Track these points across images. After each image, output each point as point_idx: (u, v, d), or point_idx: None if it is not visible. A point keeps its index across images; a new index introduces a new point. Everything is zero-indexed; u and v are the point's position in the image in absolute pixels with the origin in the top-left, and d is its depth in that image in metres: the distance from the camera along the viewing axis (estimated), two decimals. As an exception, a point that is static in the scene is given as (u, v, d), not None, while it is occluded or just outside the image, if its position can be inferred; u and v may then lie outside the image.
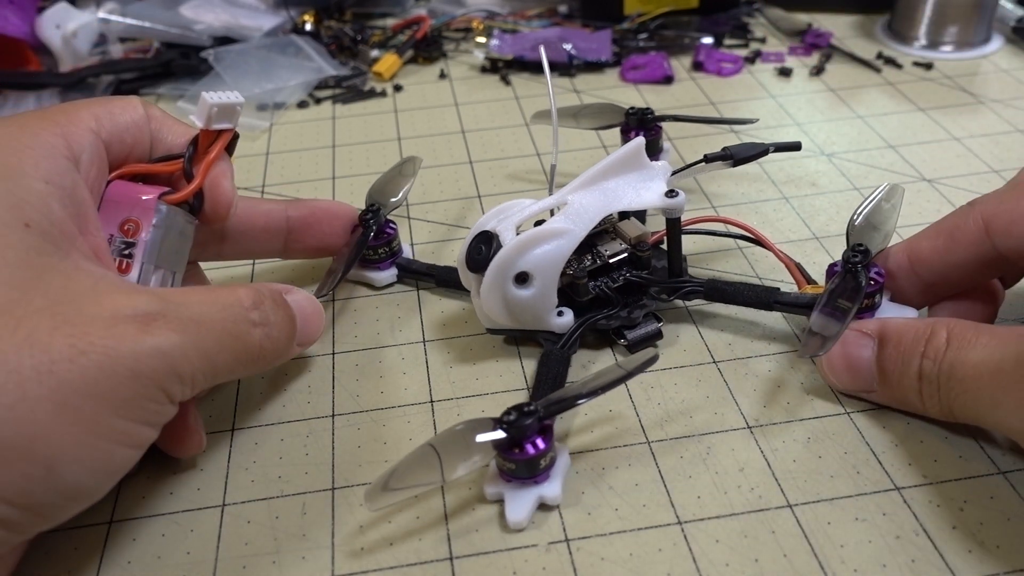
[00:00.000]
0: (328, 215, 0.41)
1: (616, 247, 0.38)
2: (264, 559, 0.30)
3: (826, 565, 0.29)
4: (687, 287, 0.38)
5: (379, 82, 0.63)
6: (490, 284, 0.35)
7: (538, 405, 0.30)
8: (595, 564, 0.29)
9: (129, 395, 0.26)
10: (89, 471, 0.26)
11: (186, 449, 0.33)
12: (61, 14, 0.64)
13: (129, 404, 0.26)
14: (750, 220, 0.45)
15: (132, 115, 0.33)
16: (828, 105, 0.57)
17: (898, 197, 0.38)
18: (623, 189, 0.37)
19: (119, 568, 0.30)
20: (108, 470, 0.27)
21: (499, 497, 0.31)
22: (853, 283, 0.34)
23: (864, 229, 0.36)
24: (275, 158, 0.54)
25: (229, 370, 0.30)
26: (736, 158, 0.40)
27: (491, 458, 0.30)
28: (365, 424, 0.35)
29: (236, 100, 0.33)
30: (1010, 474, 0.31)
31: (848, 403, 0.35)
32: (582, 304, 0.37)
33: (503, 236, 0.35)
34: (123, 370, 0.26)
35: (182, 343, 0.27)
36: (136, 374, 0.26)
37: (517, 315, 0.36)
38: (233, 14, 0.68)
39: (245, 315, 0.30)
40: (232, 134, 0.34)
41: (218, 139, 0.34)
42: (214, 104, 0.33)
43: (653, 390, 0.36)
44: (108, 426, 0.26)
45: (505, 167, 0.52)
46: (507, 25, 0.68)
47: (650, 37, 0.66)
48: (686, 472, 0.32)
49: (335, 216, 0.41)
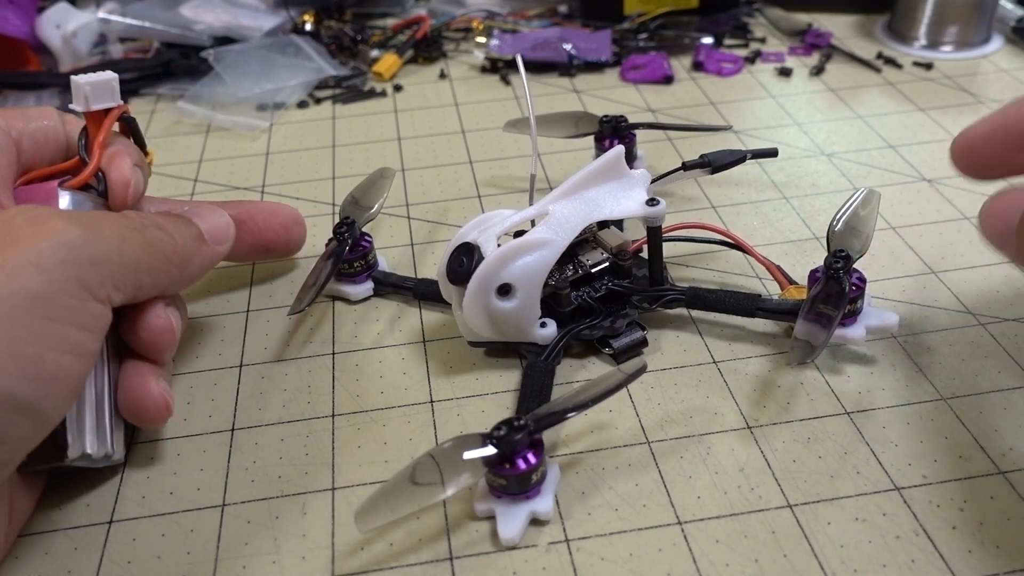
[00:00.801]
0: (264, 212, 0.42)
1: (597, 256, 0.38)
2: (264, 559, 0.30)
3: (826, 565, 0.29)
4: (669, 295, 0.38)
5: (379, 82, 0.63)
6: (472, 296, 0.34)
7: (528, 419, 0.30)
8: (595, 564, 0.29)
9: (40, 291, 0.27)
10: (22, 379, 0.26)
11: (150, 415, 0.32)
12: (61, 14, 0.64)
13: (44, 303, 0.27)
14: (751, 221, 0.46)
15: (46, 120, 0.35)
16: (828, 105, 0.57)
17: (875, 202, 0.38)
18: (604, 198, 0.37)
19: (119, 568, 0.30)
20: (43, 376, 0.27)
21: (490, 514, 0.31)
22: (836, 288, 0.34)
23: (844, 234, 0.36)
24: (275, 158, 0.54)
25: (146, 268, 0.31)
26: (714, 165, 0.41)
27: (481, 475, 0.30)
28: (365, 424, 0.35)
29: (108, 76, 0.34)
30: (1010, 474, 0.31)
31: (848, 403, 0.35)
32: (564, 314, 0.37)
33: (484, 247, 0.35)
34: (27, 266, 0.27)
35: (81, 235, 0.29)
36: (41, 268, 0.27)
37: (500, 327, 0.35)
38: (233, 14, 0.68)
39: (137, 219, 0.32)
40: (121, 111, 0.35)
41: (106, 119, 0.34)
42: (86, 84, 0.33)
43: (653, 390, 0.36)
44: (27, 328, 0.26)
45: (505, 167, 0.52)
46: (507, 25, 0.68)
47: (650, 37, 0.66)
48: (686, 472, 0.32)
49: (271, 213, 0.42)
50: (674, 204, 0.47)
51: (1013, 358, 0.36)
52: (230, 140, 0.57)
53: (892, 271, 0.42)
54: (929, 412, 0.34)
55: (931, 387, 0.35)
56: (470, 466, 0.29)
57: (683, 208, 0.47)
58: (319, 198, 0.50)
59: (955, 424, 0.34)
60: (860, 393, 0.35)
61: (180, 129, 0.58)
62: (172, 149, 0.56)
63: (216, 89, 0.60)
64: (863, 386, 0.35)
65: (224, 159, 0.54)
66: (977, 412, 0.34)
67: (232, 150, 0.56)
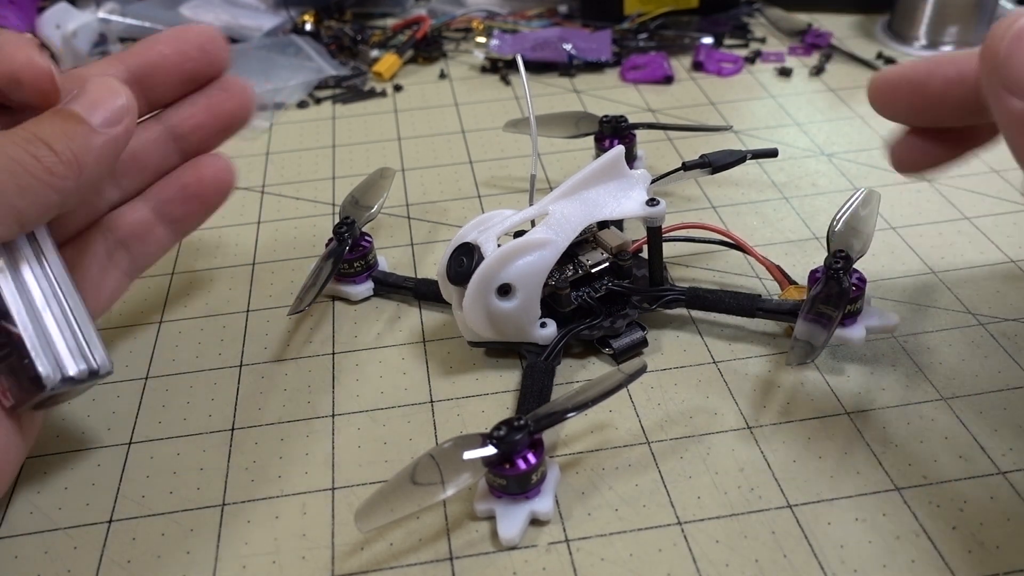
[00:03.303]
0: (168, 45, 0.35)
1: (597, 256, 0.38)
2: (264, 559, 0.30)
3: (826, 565, 0.29)
4: (669, 295, 0.38)
5: (379, 82, 0.63)
6: (472, 296, 0.34)
7: (528, 419, 0.30)
8: (595, 564, 0.29)
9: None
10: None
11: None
12: (61, 14, 0.64)
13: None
14: (751, 221, 0.46)
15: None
16: (828, 105, 0.57)
17: (875, 203, 0.38)
18: (604, 198, 0.37)
19: (119, 568, 0.30)
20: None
21: (490, 514, 0.31)
22: (836, 289, 0.34)
23: (844, 234, 0.36)
24: (275, 158, 0.54)
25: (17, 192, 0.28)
26: (715, 166, 0.41)
27: (481, 475, 0.30)
28: (365, 424, 0.35)
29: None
30: (1010, 474, 0.31)
31: (848, 403, 0.35)
32: (564, 315, 0.37)
33: (484, 248, 0.35)
34: None
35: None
36: None
37: (500, 327, 0.35)
38: (233, 14, 0.68)
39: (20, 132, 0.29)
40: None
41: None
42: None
43: (653, 391, 0.36)
44: None
45: (505, 167, 0.52)
46: (507, 25, 0.68)
47: (650, 37, 0.66)
48: (686, 472, 0.32)
49: (178, 40, 0.35)
50: (674, 204, 0.47)
51: (1013, 358, 0.36)
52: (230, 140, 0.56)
53: (892, 271, 0.42)
54: (929, 412, 0.34)
55: (931, 387, 0.35)
56: (470, 466, 0.29)
57: (683, 208, 0.47)
58: (319, 198, 0.50)
59: (955, 424, 0.34)
60: (860, 393, 0.35)
61: (180, 129, 0.58)
62: (172, 149, 0.56)
63: (216, 89, 0.60)
64: (863, 386, 0.36)
65: (224, 159, 0.54)
66: (977, 412, 0.34)
67: (232, 150, 0.55)
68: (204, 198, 0.36)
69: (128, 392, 0.37)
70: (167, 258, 0.45)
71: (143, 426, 0.36)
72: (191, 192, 0.36)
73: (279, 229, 0.48)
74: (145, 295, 0.43)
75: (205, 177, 0.36)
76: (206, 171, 0.36)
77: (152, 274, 0.44)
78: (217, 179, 0.36)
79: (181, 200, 0.36)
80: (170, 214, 0.36)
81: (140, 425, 0.36)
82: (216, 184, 0.36)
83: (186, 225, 0.37)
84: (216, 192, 0.36)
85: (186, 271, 0.45)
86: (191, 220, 0.37)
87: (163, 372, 0.38)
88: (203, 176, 0.36)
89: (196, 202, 0.36)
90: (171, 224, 0.36)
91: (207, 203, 0.36)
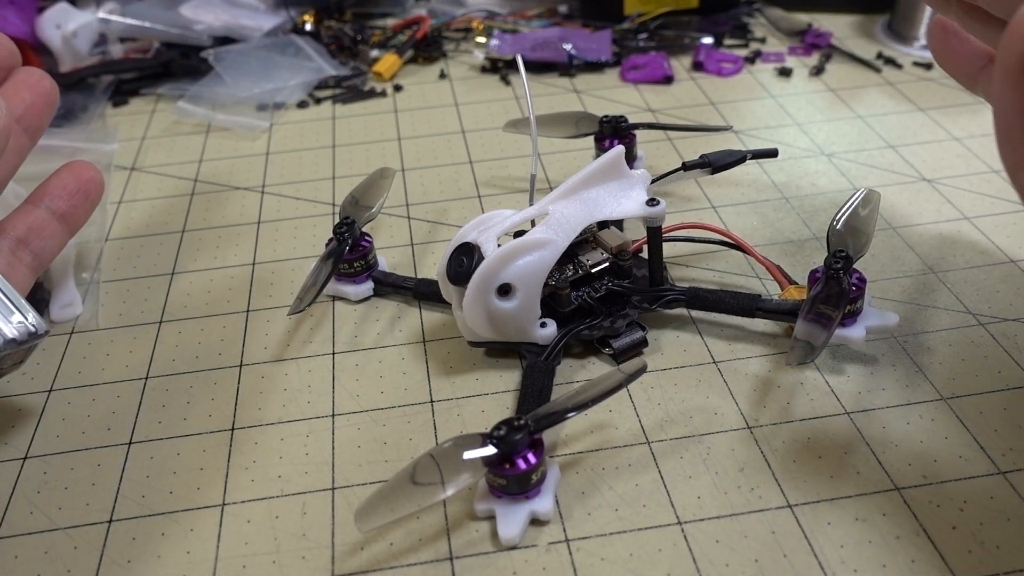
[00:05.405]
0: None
1: (597, 256, 0.38)
2: (264, 559, 0.30)
3: (826, 565, 0.29)
4: (669, 295, 0.38)
5: (379, 82, 0.63)
6: (472, 296, 0.34)
7: (528, 419, 0.30)
8: (595, 564, 0.29)
9: None
10: None
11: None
12: (61, 14, 0.64)
13: None
14: (751, 221, 0.46)
15: None
16: (828, 105, 0.57)
17: (875, 202, 0.38)
18: (604, 198, 0.37)
19: (119, 568, 0.30)
20: None
21: (490, 514, 0.31)
22: (836, 289, 0.34)
23: (844, 234, 0.36)
24: (275, 158, 0.54)
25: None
26: (715, 166, 0.41)
27: (481, 475, 0.30)
28: (365, 424, 0.35)
29: None
30: (1010, 474, 0.31)
31: (848, 403, 0.35)
32: (564, 315, 0.37)
33: (484, 248, 0.35)
34: None
35: None
36: None
37: (500, 327, 0.35)
38: (233, 14, 0.68)
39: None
40: None
41: None
42: None
43: (653, 391, 0.36)
44: None
45: (505, 167, 0.52)
46: (507, 25, 0.68)
47: (650, 37, 0.66)
48: (686, 472, 0.32)
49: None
50: (674, 204, 0.47)
51: (1013, 358, 0.36)
52: (230, 140, 0.57)
53: (892, 271, 0.42)
54: (929, 412, 0.34)
55: (931, 387, 0.35)
56: (470, 466, 0.29)
57: (683, 208, 0.47)
58: (319, 198, 0.50)
59: (955, 424, 0.34)
60: (860, 393, 0.35)
61: (180, 129, 0.58)
62: (172, 149, 0.56)
63: (216, 89, 0.60)
64: (863, 386, 0.36)
65: (224, 159, 0.54)
66: (977, 412, 0.34)
67: (232, 150, 0.56)
68: (87, 194, 0.40)
69: (128, 392, 0.37)
70: (168, 258, 0.45)
71: (143, 426, 0.36)
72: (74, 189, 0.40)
73: (279, 229, 0.48)
74: (145, 295, 0.43)
75: (83, 177, 0.40)
76: (83, 172, 0.40)
77: (152, 274, 0.44)
78: (92, 179, 0.40)
79: (67, 197, 0.39)
80: (59, 209, 0.39)
81: (140, 425, 0.36)
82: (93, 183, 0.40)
83: (76, 220, 0.40)
84: (95, 188, 0.41)
85: (186, 271, 0.45)
86: (80, 215, 0.40)
87: (163, 372, 0.38)
88: (80, 176, 0.40)
89: (80, 197, 0.40)
90: (63, 220, 0.39)
91: (90, 198, 0.41)
